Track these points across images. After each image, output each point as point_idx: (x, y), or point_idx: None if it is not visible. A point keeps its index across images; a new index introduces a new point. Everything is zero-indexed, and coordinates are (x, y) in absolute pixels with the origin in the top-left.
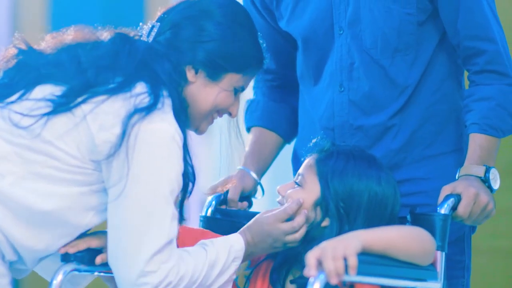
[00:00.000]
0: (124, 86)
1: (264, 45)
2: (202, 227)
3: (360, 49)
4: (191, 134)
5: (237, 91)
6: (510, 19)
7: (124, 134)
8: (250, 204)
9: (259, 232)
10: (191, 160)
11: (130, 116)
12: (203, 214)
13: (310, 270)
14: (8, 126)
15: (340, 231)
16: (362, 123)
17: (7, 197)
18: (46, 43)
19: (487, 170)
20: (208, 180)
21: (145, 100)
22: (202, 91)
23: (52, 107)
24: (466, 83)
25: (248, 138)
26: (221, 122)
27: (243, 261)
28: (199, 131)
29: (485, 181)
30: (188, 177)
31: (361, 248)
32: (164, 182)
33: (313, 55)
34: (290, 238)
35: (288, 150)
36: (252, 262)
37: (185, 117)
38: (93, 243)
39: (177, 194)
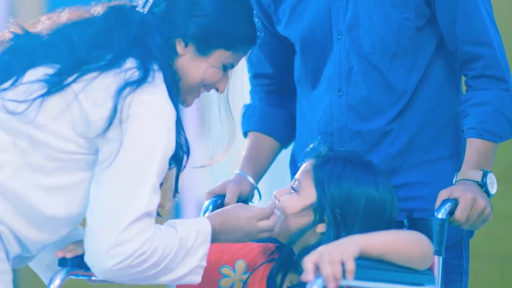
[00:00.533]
0: (114, 63)
1: (259, 24)
2: None
3: (358, 54)
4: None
5: (226, 67)
6: (509, 20)
7: (116, 107)
8: None
9: (230, 223)
10: (184, 133)
11: (120, 90)
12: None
13: (307, 274)
14: (4, 115)
15: (337, 237)
16: (360, 127)
17: (7, 190)
18: (42, 24)
19: (484, 175)
20: (205, 178)
21: (135, 74)
22: (191, 65)
23: (46, 88)
24: (464, 88)
25: (245, 142)
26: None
27: None
28: (185, 103)
29: (482, 185)
30: (182, 149)
31: (359, 253)
32: (152, 154)
33: (311, 59)
34: (263, 235)
35: (285, 154)
36: (249, 267)
37: (177, 90)
38: None
39: (166, 167)
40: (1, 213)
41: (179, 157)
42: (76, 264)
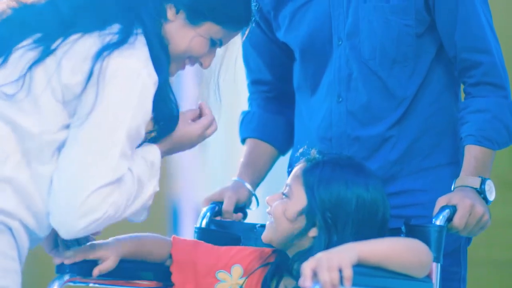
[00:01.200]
0: (99, 25)
1: (257, 8)
2: (197, 238)
3: (358, 60)
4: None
5: (214, 43)
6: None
7: (92, 70)
8: (245, 215)
9: (182, 145)
10: (174, 98)
11: (99, 53)
12: (198, 225)
13: (305, 281)
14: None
15: (329, 241)
16: (359, 133)
17: (13, 181)
18: None
19: (483, 182)
20: (202, 184)
21: (115, 37)
22: (179, 32)
23: (35, 56)
24: (462, 95)
25: (243, 149)
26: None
27: None
28: (169, 73)
29: (481, 192)
30: (172, 113)
31: (357, 260)
32: (122, 118)
33: (311, 65)
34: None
35: (283, 160)
36: (245, 271)
37: (166, 55)
38: (90, 255)
39: (141, 133)
40: (14, 207)
41: (163, 122)
42: (74, 270)
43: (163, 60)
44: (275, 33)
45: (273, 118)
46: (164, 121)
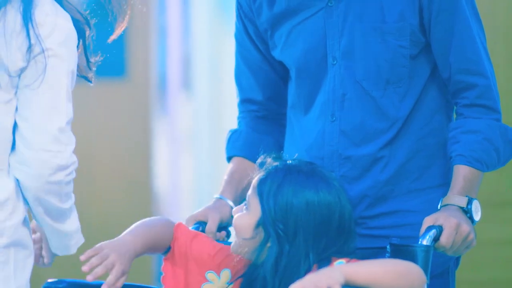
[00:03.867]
0: None
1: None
2: None
3: (352, 80)
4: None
5: None
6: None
7: (29, 36)
8: (228, 234)
9: None
10: (82, 15)
11: (24, 18)
12: None
13: None
14: None
15: (281, 251)
16: (351, 153)
17: None
18: None
19: (469, 201)
20: (189, 201)
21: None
22: None
23: None
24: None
25: (228, 167)
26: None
27: None
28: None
29: (467, 212)
30: (83, 25)
31: (344, 281)
32: (67, 61)
33: (306, 84)
34: None
35: None
36: (232, 277)
37: None
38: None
39: (74, 74)
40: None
41: (82, 33)
42: None
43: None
44: (270, 53)
45: (260, 138)
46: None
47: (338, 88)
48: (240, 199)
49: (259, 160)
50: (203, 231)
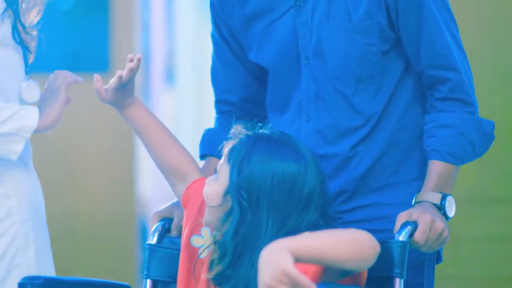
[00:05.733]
0: None
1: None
2: (148, 255)
3: (324, 79)
4: None
5: None
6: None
7: None
8: None
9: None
10: None
11: None
12: (149, 242)
13: None
14: None
15: (243, 220)
16: (326, 151)
17: None
18: None
19: (444, 198)
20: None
21: None
22: None
23: None
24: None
25: (200, 165)
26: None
27: None
28: None
29: (441, 208)
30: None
31: (293, 257)
32: None
33: (281, 84)
34: None
35: None
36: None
37: None
38: None
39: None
40: None
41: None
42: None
43: None
44: (245, 54)
45: None
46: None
47: (312, 88)
48: None
49: (232, 130)
50: (168, 228)
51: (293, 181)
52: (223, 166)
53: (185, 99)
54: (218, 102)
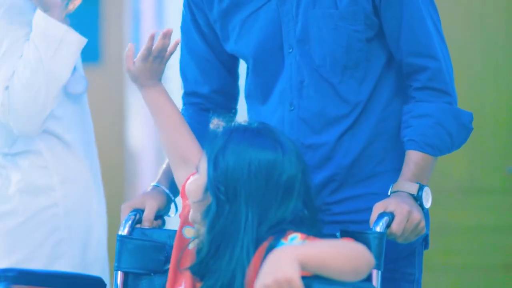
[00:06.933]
0: None
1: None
2: (119, 246)
3: (309, 67)
4: None
5: None
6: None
7: None
8: (163, 222)
9: None
10: None
11: None
12: (120, 233)
13: None
14: None
15: (220, 213)
16: (312, 141)
17: None
18: None
19: (420, 188)
20: None
21: None
22: None
23: None
24: None
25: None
26: None
27: None
28: None
29: (417, 199)
30: None
31: (300, 267)
32: None
33: (263, 73)
34: None
35: None
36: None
37: None
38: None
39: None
40: None
41: None
42: (10, 279)
43: None
44: (219, 44)
45: (202, 130)
46: None
47: (296, 76)
48: (177, 188)
49: (212, 125)
50: (140, 219)
51: (270, 169)
52: (202, 161)
53: (175, 88)
54: (187, 94)
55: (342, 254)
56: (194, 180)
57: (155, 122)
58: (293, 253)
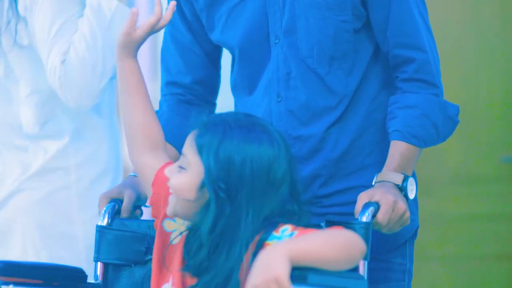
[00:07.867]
0: None
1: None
2: (98, 237)
3: (296, 58)
4: None
5: None
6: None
7: None
8: (141, 213)
9: None
10: None
11: None
12: (100, 223)
13: None
14: None
15: (221, 213)
16: (300, 133)
17: None
18: None
19: (405, 179)
20: None
21: None
22: None
23: None
24: None
25: None
26: None
27: None
28: None
29: (402, 189)
30: None
31: (291, 264)
32: None
33: (249, 64)
34: None
35: None
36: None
37: None
38: None
39: None
40: None
41: None
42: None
43: None
44: (204, 34)
45: (181, 121)
46: None
47: (282, 67)
48: None
49: (192, 119)
50: (119, 209)
51: (270, 165)
52: (192, 156)
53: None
54: (168, 84)
55: (337, 245)
56: (182, 177)
57: (128, 99)
58: (283, 251)
